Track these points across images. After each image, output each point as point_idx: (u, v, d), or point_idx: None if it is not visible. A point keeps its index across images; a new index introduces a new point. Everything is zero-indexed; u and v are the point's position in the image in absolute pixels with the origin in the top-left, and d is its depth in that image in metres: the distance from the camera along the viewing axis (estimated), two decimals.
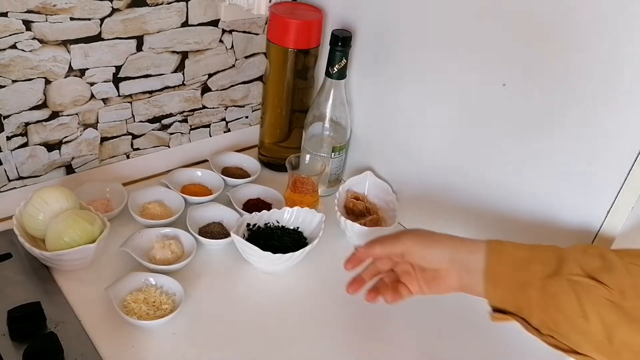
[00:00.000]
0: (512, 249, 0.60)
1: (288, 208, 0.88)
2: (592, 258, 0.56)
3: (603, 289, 0.53)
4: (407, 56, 0.89)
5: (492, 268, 0.59)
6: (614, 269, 0.54)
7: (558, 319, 0.55)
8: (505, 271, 0.58)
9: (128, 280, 0.75)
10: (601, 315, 0.52)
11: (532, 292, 0.56)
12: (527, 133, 0.76)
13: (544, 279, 0.56)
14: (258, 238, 0.84)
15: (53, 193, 0.78)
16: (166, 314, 0.72)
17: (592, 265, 0.55)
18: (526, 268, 0.57)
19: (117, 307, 0.71)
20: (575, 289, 0.54)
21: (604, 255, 0.56)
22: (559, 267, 0.56)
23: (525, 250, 0.59)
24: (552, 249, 0.58)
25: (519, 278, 0.57)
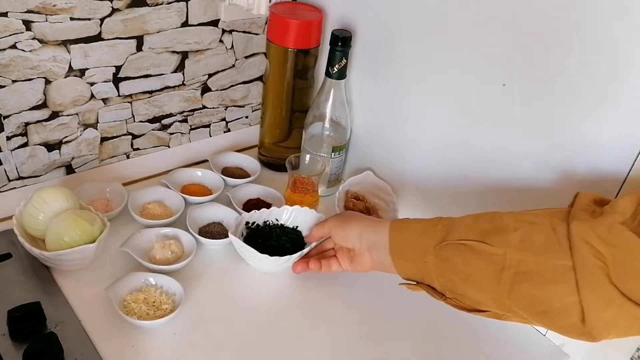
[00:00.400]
0: (412, 222, 0.67)
1: (288, 207, 0.88)
2: (483, 222, 0.60)
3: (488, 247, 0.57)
4: (407, 56, 0.89)
5: (394, 242, 0.66)
6: (502, 229, 0.58)
7: (454, 280, 0.61)
8: (405, 243, 0.65)
9: (128, 280, 0.75)
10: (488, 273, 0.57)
11: (428, 259, 0.62)
12: (527, 134, 0.76)
13: (436, 245, 0.61)
14: (256, 237, 0.84)
15: (53, 193, 0.78)
16: (166, 314, 0.72)
17: (482, 228, 0.60)
18: (422, 237, 0.63)
19: (117, 307, 0.71)
20: (462, 251, 0.59)
21: (494, 219, 0.60)
22: (447, 234, 0.61)
23: (423, 222, 0.65)
24: (447, 219, 0.64)
25: (417, 247, 0.63)
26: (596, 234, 0.52)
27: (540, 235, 0.56)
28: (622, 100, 0.65)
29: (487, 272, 0.58)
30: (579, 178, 0.72)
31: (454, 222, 0.63)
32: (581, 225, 0.53)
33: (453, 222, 0.63)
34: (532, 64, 0.73)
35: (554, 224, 0.56)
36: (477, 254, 0.59)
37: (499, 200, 0.82)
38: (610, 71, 0.65)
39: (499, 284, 0.57)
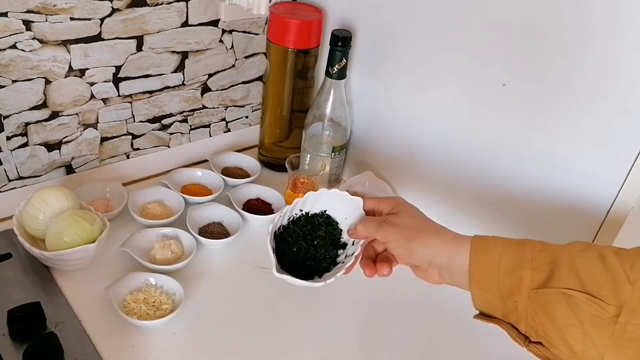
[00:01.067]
0: (499, 250, 0.54)
1: (312, 193, 0.67)
2: (593, 264, 0.50)
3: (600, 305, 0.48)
4: (407, 56, 0.89)
5: (476, 273, 0.54)
6: (616, 278, 0.48)
7: (548, 327, 0.51)
8: (490, 277, 0.54)
9: (128, 280, 0.75)
10: (592, 336, 0.48)
11: (520, 299, 0.52)
12: (528, 133, 0.76)
13: (534, 289, 0.51)
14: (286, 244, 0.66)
15: (53, 193, 0.78)
16: (166, 314, 0.72)
17: (591, 272, 0.49)
18: (513, 274, 0.52)
19: (117, 307, 0.71)
20: (569, 302, 0.49)
21: (604, 258, 0.50)
22: (551, 276, 0.50)
23: (513, 252, 0.53)
24: (545, 250, 0.52)
25: (506, 285, 0.52)
26: None
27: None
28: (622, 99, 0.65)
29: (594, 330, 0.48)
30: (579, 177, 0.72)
31: (559, 259, 0.51)
32: None
33: (558, 259, 0.51)
34: (532, 64, 0.73)
35: None
36: (583, 311, 0.48)
37: (499, 200, 0.83)
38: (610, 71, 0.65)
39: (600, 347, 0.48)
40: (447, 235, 0.58)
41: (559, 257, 0.51)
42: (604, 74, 0.66)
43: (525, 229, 0.80)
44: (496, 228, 0.83)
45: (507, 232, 0.82)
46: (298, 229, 0.67)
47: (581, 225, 0.73)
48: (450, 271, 0.57)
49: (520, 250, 0.53)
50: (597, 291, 0.48)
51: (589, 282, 0.49)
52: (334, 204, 0.67)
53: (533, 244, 0.53)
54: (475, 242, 0.56)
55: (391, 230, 0.59)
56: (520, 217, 0.80)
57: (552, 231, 0.76)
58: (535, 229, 0.79)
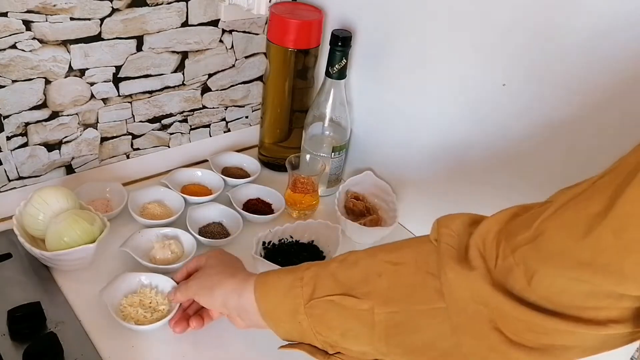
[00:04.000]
0: (276, 279, 0.60)
1: (301, 222, 0.86)
2: (347, 268, 0.56)
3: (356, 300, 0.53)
4: (407, 56, 0.89)
5: (262, 306, 0.59)
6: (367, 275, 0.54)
7: (333, 336, 0.56)
8: (274, 306, 0.59)
9: (121, 283, 0.74)
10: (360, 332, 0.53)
11: (301, 318, 0.56)
12: (528, 133, 0.76)
13: (306, 304, 0.56)
14: (275, 256, 0.82)
15: (53, 193, 0.78)
16: (164, 315, 0.71)
17: (346, 275, 0.55)
18: (289, 297, 0.57)
19: (113, 314, 0.69)
20: (332, 308, 0.55)
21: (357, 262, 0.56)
22: (315, 288, 0.56)
23: (288, 277, 0.59)
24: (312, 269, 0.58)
25: (287, 308, 0.57)
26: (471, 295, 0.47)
27: (407, 278, 0.52)
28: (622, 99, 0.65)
29: (360, 328, 0.54)
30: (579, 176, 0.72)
31: (319, 274, 0.57)
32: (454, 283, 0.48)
33: (319, 274, 0.57)
34: (532, 64, 0.73)
35: (419, 262, 0.52)
36: (346, 310, 0.54)
37: (499, 200, 0.82)
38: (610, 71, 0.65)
39: (375, 340, 0.53)
40: (239, 276, 0.64)
41: (321, 271, 0.57)
42: (605, 73, 0.66)
43: None
44: None
45: None
46: (286, 247, 0.83)
47: None
48: (246, 311, 0.61)
49: (292, 273, 0.59)
50: (352, 290, 0.54)
51: (346, 284, 0.54)
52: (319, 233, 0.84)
53: (304, 267, 0.59)
54: (258, 278, 0.61)
55: (193, 284, 0.68)
56: None
57: None
58: None
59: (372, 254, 0.56)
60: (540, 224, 0.44)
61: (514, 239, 0.46)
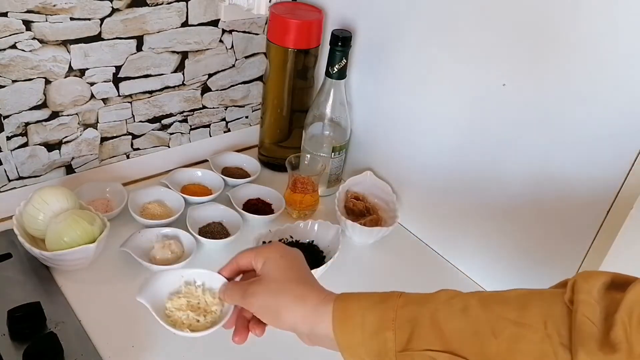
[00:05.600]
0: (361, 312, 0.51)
1: (301, 222, 0.86)
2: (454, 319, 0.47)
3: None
4: (407, 56, 0.89)
5: (342, 341, 0.51)
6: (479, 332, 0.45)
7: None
8: (356, 341, 0.51)
9: (161, 283, 0.61)
10: None
11: None
12: (528, 133, 0.76)
13: (398, 352, 0.48)
14: None
15: (53, 193, 0.78)
16: (218, 317, 0.59)
17: (453, 328, 0.46)
18: (378, 337, 0.49)
19: (162, 322, 0.57)
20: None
21: (467, 311, 0.47)
22: (412, 335, 0.47)
23: (376, 313, 0.51)
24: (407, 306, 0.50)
25: (373, 349, 0.50)
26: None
27: (533, 345, 0.43)
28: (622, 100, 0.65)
29: None
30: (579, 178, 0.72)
31: (418, 318, 0.48)
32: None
33: (417, 318, 0.48)
34: (532, 64, 0.73)
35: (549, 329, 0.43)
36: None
37: (500, 200, 0.82)
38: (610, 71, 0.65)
39: None
40: (310, 300, 0.54)
41: (420, 312, 0.49)
42: (604, 74, 0.66)
43: (524, 228, 0.80)
44: (496, 227, 0.83)
45: (507, 230, 0.82)
46: None
47: (582, 224, 0.73)
48: (318, 338, 0.54)
49: (382, 309, 0.51)
50: (459, 349, 0.45)
51: (452, 338, 0.46)
52: (319, 233, 0.84)
53: (396, 300, 0.51)
54: (337, 307, 0.53)
55: (254, 302, 0.57)
56: (521, 216, 0.80)
57: (551, 231, 0.76)
58: (535, 229, 0.79)
59: (486, 304, 0.47)
60: None
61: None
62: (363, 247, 0.93)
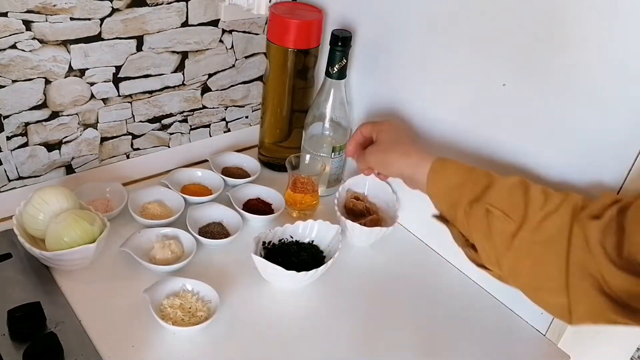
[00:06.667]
0: (451, 171, 0.69)
1: (301, 222, 0.86)
2: (516, 193, 0.64)
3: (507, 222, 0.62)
4: (407, 56, 0.89)
5: (431, 188, 0.71)
6: (528, 205, 0.62)
7: (475, 235, 0.66)
8: (440, 191, 0.70)
9: (166, 285, 0.75)
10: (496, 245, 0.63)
11: (459, 211, 0.67)
12: (528, 133, 0.76)
13: (469, 203, 0.66)
14: (275, 256, 0.82)
15: (53, 193, 0.78)
16: (201, 321, 0.72)
17: (513, 198, 0.63)
18: (457, 191, 0.67)
19: (153, 312, 0.71)
20: (488, 217, 0.64)
21: (527, 192, 0.63)
22: (482, 194, 0.65)
23: (462, 174, 0.68)
24: (485, 176, 0.67)
25: (451, 199, 0.68)
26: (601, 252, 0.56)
27: (559, 221, 0.60)
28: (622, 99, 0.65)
29: (500, 241, 0.63)
30: (579, 178, 0.72)
31: (493, 183, 0.66)
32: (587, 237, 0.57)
33: (493, 183, 0.66)
34: (532, 64, 0.73)
35: (574, 213, 0.60)
36: (495, 224, 0.63)
37: None
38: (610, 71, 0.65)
39: (506, 255, 0.63)
40: (412, 156, 0.74)
41: (494, 182, 0.66)
42: (605, 74, 0.66)
43: None
44: None
45: None
46: (286, 247, 0.84)
47: None
48: (416, 183, 0.73)
49: (467, 174, 0.68)
50: (509, 211, 0.63)
51: (508, 203, 0.63)
52: (319, 233, 0.86)
53: (480, 171, 0.68)
54: (436, 162, 0.71)
55: (371, 159, 0.80)
56: None
57: None
58: None
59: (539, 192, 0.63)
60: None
61: None
62: (363, 247, 0.93)
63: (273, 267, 0.77)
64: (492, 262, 0.65)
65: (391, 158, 0.76)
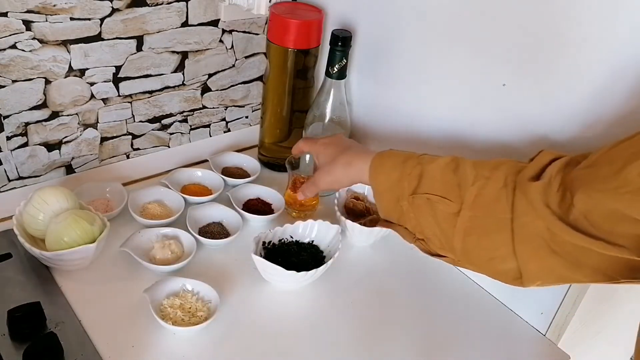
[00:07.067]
0: (389, 166, 0.70)
1: (301, 222, 0.86)
2: (448, 174, 0.66)
3: (447, 203, 0.64)
4: (407, 56, 0.89)
5: (375, 186, 0.71)
6: (463, 183, 0.64)
7: (422, 225, 0.67)
8: (384, 188, 0.70)
9: (166, 285, 0.75)
10: (444, 228, 0.65)
11: (404, 204, 0.68)
12: (528, 135, 0.76)
13: (409, 196, 0.67)
14: (275, 256, 0.82)
15: (53, 193, 0.78)
16: (200, 321, 0.72)
17: (446, 180, 0.65)
18: (398, 185, 0.68)
19: (153, 312, 0.70)
20: (430, 205, 0.65)
21: (457, 169, 0.65)
22: (418, 185, 0.67)
23: (398, 167, 0.69)
24: (418, 164, 0.68)
25: (395, 194, 0.69)
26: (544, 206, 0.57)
27: (493, 190, 0.62)
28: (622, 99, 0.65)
29: (446, 224, 0.65)
30: None
31: (424, 172, 0.67)
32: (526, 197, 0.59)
33: (424, 172, 0.67)
34: (532, 64, 0.73)
35: (508, 180, 0.62)
36: (438, 208, 0.65)
37: None
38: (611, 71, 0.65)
39: (454, 236, 0.64)
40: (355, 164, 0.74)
41: (426, 170, 0.67)
42: (605, 74, 0.66)
43: None
44: None
45: None
46: (286, 247, 0.84)
47: None
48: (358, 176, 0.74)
49: (402, 167, 0.69)
50: (447, 193, 0.64)
51: (443, 187, 0.65)
52: (319, 233, 0.86)
53: (412, 161, 0.69)
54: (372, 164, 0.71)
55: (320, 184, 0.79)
56: None
57: None
58: None
59: (470, 166, 0.65)
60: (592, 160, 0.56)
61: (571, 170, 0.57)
62: (363, 247, 0.93)
63: (273, 267, 0.77)
64: (445, 247, 0.66)
65: (337, 174, 0.76)
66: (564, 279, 0.59)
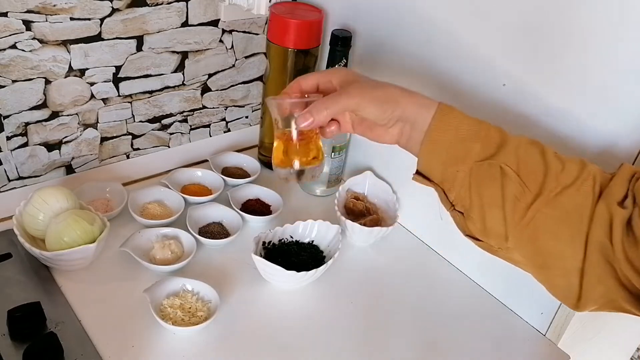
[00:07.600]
0: (459, 120, 0.57)
1: (301, 222, 0.86)
2: (533, 158, 0.55)
3: (521, 188, 0.54)
4: (407, 56, 0.89)
5: (432, 134, 0.57)
6: (546, 174, 0.54)
7: (474, 203, 0.56)
8: (443, 140, 0.57)
9: (166, 285, 0.75)
10: (507, 215, 0.54)
11: (461, 169, 0.56)
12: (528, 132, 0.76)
13: (478, 161, 0.55)
14: (275, 256, 0.82)
15: (53, 193, 0.78)
16: (200, 321, 0.72)
17: (529, 161, 0.55)
18: (465, 144, 0.56)
19: (153, 312, 0.71)
20: (502, 179, 0.54)
21: (544, 157, 0.55)
22: (496, 152, 0.55)
23: (472, 125, 0.57)
24: (498, 132, 0.57)
25: (455, 152, 0.56)
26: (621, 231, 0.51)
27: (574, 199, 0.53)
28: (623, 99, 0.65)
29: (515, 208, 0.54)
30: None
31: (504, 144, 0.56)
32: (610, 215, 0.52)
33: (504, 144, 0.56)
34: (532, 64, 0.73)
35: (595, 188, 0.53)
36: (511, 189, 0.54)
37: None
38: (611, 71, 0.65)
39: (512, 227, 0.55)
40: (415, 94, 0.59)
41: (508, 140, 0.56)
42: (605, 74, 0.66)
43: None
44: None
45: None
46: (286, 247, 0.84)
47: None
48: (412, 127, 0.58)
49: (477, 126, 0.57)
50: (526, 176, 0.54)
51: (524, 167, 0.54)
52: (319, 233, 0.85)
53: (489, 125, 0.57)
54: (441, 106, 0.58)
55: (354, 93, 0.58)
56: None
57: None
58: None
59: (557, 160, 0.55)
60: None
61: None
62: (363, 247, 0.93)
63: (273, 267, 0.77)
64: (495, 233, 0.56)
65: (394, 93, 0.58)
66: (625, 311, 0.53)
